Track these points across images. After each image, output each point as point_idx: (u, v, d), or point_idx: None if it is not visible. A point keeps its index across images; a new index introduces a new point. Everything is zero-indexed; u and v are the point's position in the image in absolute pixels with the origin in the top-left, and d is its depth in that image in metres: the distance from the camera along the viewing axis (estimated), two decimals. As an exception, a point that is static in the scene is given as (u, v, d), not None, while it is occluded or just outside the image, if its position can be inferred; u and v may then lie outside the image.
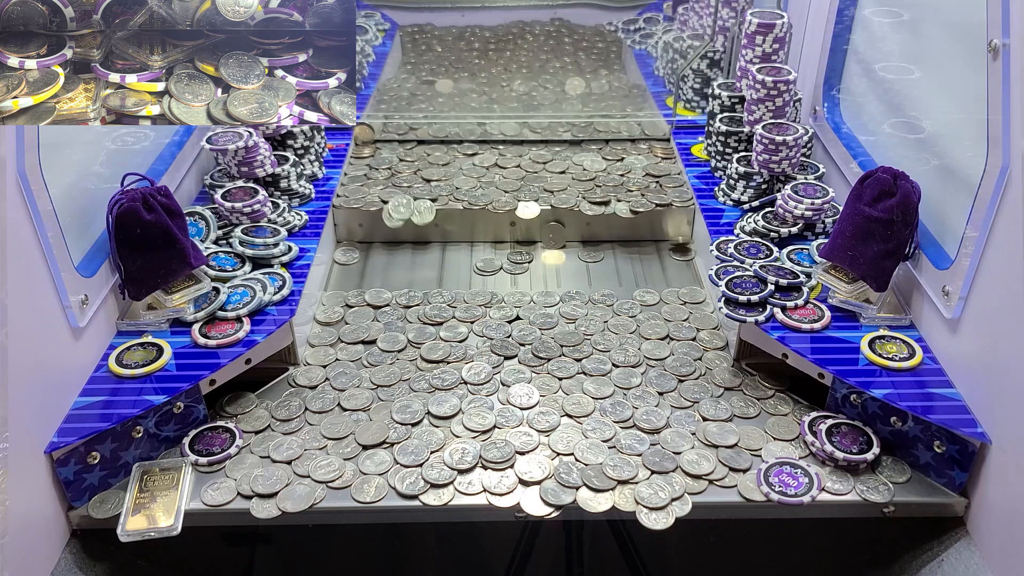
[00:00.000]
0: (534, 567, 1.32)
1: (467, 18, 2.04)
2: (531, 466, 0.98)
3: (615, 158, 1.57)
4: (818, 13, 1.43)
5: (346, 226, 1.44)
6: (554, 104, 1.74)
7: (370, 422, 1.05)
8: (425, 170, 1.52)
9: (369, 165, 1.54)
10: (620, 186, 1.47)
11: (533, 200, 1.42)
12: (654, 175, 1.50)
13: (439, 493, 0.95)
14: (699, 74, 1.65)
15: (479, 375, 1.12)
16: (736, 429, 1.04)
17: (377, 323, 1.24)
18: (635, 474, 0.97)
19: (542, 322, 1.22)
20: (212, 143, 1.31)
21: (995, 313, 0.93)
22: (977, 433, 0.93)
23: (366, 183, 1.48)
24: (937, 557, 0.97)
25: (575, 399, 1.08)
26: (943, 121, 1.17)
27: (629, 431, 1.04)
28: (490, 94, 1.77)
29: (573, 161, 1.55)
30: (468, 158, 1.57)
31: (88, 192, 1.12)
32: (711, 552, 1.33)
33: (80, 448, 0.94)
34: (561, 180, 1.49)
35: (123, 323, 1.10)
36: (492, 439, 1.02)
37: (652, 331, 1.21)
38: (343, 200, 1.42)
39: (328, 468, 0.99)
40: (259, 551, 1.32)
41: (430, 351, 1.17)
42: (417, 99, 1.76)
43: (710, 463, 0.99)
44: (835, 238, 1.13)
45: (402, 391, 1.10)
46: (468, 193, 1.45)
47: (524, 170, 1.53)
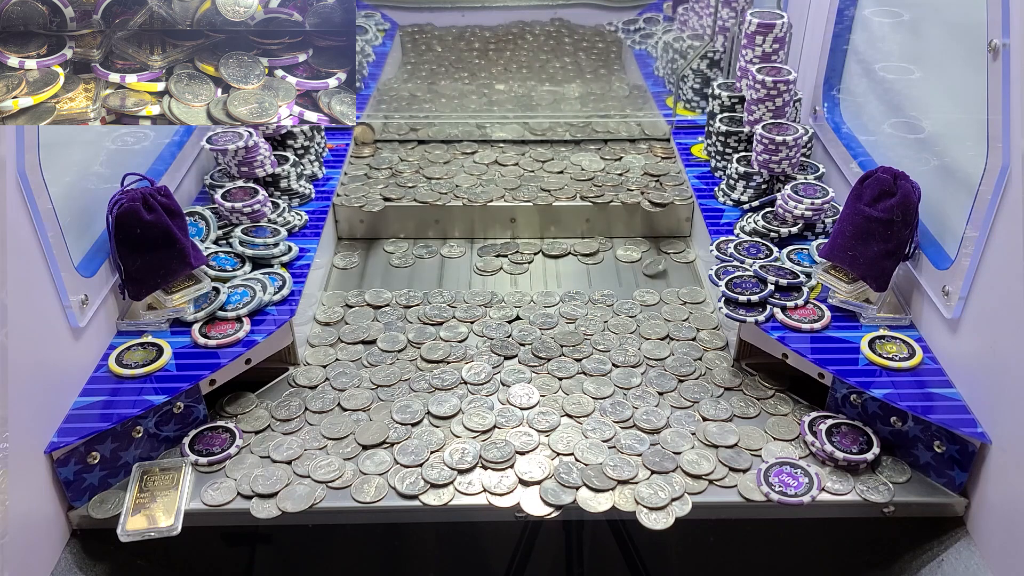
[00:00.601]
0: (534, 567, 1.32)
1: (467, 18, 2.04)
2: (531, 466, 0.98)
3: (614, 157, 1.57)
4: (818, 13, 1.43)
5: (347, 222, 1.44)
6: (554, 104, 1.74)
7: (370, 422, 1.05)
8: (426, 169, 1.52)
9: (369, 164, 1.54)
10: (619, 185, 1.47)
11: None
12: (653, 174, 1.50)
13: (439, 493, 0.95)
14: (699, 74, 1.65)
15: (479, 375, 1.12)
16: (736, 429, 1.04)
17: (377, 323, 1.24)
18: (635, 474, 0.97)
19: (542, 322, 1.22)
20: (212, 143, 1.31)
21: (995, 313, 0.93)
22: (977, 433, 0.93)
23: (366, 182, 1.48)
24: (937, 557, 0.97)
25: (575, 399, 1.08)
26: (943, 121, 1.17)
27: (629, 431, 1.04)
28: (490, 95, 1.77)
29: (571, 161, 1.55)
30: (468, 156, 1.57)
31: (88, 192, 1.12)
32: (711, 552, 1.33)
33: (80, 448, 0.94)
34: (559, 180, 1.49)
35: (123, 323, 1.10)
36: (492, 439, 1.02)
37: (652, 331, 1.21)
38: (343, 199, 1.42)
39: (328, 468, 0.99)
40: (259, 551, 1.32)
41: (430, 351, 1.17)
42: (418, 99, 1.76)
43: (710, 463, 0.99)
44: (835, 238, 1.13)
45: (402, 391, 1.10)
46: (468, 191, 1.45)
47: (523, 168, 1.53)
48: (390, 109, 1.72)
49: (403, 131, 1.65)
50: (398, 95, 1.77)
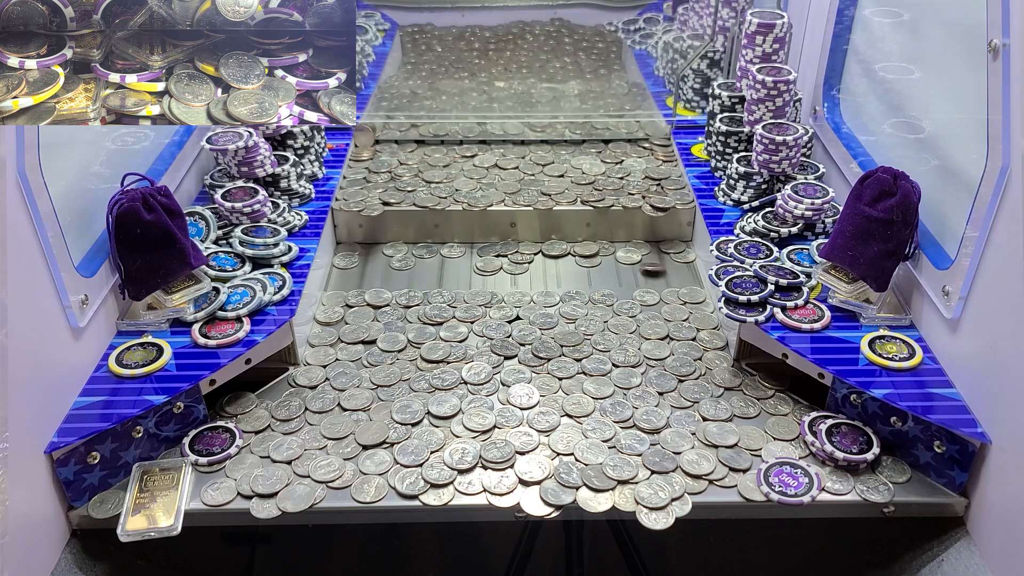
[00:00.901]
0: (534, 567, 1.32)
1: (467, 18, 2.04)
2: (531, 466, 0.98)
3: (614, 160, 1.56)
4: (818, 13, 1.43)
5: (347, 226, 1.43)
6: (553, 102, 1.74)
7: (370, 422, 1.05)
8: (425, 172, 1.51)
9: (368, 168, 1.53)
10: (620, 189, 1.46)
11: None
12: (654, 178, 1.50)
13: (439, 493, 0.95)
14: (699, 74, 1.65)
15: (479, 375, 1.12)
16: (736, 429, 1.04)
17: (377, 323, 1.24)
18: (635, 474, 0.97)
19: (542, 322, 1.22)
20: (212, 143, 1.31)
21: (995, 313, 0.93)
22: (977, 433, 0.93)
23: (365, 186, 1.48)
24: (937, 557, 0.97)
25: (575, 399, 1.08)
26: (943, 121, 1.17)
27: (629, 431, 1.04)
28: (490, 93, 1.77)
29: (571, 164, 1.54)
30: (468, 159, 1.57)
31: (88, 192, 1.12)
32: (711, 552, 1.33)
33: (80, 448, 0.94)
34: (560, 183, 1.48)
35: (123, 323, 1.10)
36: (492, 439, 1.02)
37: (652, 331, 1.21)
38: (341, 204, 1.42)
39: (328, 468, 0.99)
40: (259, 551, 1.32)
41: (430, 351, 1.17)
42: (418, 96, 1.76)
43: (710, 463, 0.99)
44: (835, 238, 1.13)
45: (402, 391, 1.10)
46: (468, 195, 1.44)
47: (523, 172, 1.52)
48: (391, 108, 1.72)
49: (404, 128, 1.65)
50: (398, 93, 1.77)
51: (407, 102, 1.74)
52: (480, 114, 1.70)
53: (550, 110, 1.71)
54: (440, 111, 1.70)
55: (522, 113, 1.70)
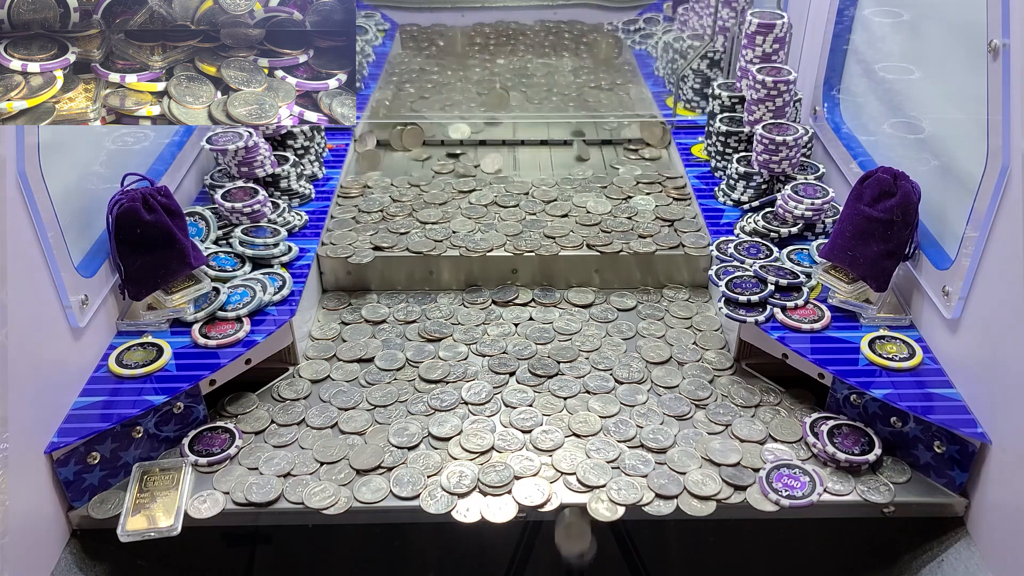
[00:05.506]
0: (534, 567, 1.32)
1: (467, 18, 2.04)
2: (531, 490, 0.96)
3: (621, 197, 1.42)
4: (818, 13, 1.43)
5: (333, 274, 1.29)
6: (553, 104, 1.74)
7: (365, 445, 1.02)
8: (420, 212, 1.38)
9: (357, 207, 1.39)
10: (629, 231, 1.32)
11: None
12: (665, 219, 1.35)
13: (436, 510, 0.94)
14: (699, 74, 1.65)
15: (479, 395, 1.09)
16: (738, 447, 1.01)
17: (375, 340, 1.20)
18: (640, 497, 0.95)
19: (537, 336, 1.19)
20: (212, 143, 1.31)
21: (995, 313, 0.93)
22: (977, 433, 0.93)
23: (355, 227, 1.34)
24: (937, 557, 0.97)
25: (581, 417, 1.06)
26: (943, 121, 1.17)
27: (635, 451, 1.01)
28: (489, 91, 1.77)
29: (575, 203, 1.40)
30: (464, 196, 1.43)
31: (88, 192, 1.12)
32: (711, 552, 1.33)
33: (80, 448, 0.94)
34: (563, 224, 1.34)
35: (123, 323, 1.10)
36: (491, 461, 0.99)
37: (654, 355, 1.17)
38: (328, 249, 1.28)
39: (323, 495, 0.95)
40: (259, 551, 1.32)
41: (428, 370, 1.14)
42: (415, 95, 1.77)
43: (715, 483, 0.96)
44: (835, 238, 1.13)
45: (399, 413, 1.07)
46: (466, 238, 1.30)
47: (524, 211, 1.38)
48: (390, 108, 1.72)
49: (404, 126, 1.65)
50: (398, 92, 1.77)
51: (407, 101, 1.74)
52: (479, 113, 1.70)
53: (549, 111, 1.71)
54: (439, 111, 1.71)
55: (522, 114, 1.71)
